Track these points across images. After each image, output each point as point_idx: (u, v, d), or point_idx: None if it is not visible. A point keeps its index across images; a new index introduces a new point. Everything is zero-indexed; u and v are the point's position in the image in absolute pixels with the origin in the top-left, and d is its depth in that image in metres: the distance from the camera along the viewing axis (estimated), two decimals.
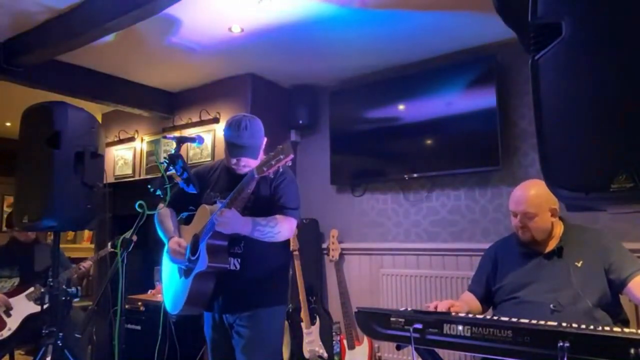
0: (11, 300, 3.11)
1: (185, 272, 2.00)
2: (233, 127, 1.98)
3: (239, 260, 1.98)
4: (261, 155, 2.06)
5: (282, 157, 1.73)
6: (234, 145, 1.98)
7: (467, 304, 2.02)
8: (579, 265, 1.87)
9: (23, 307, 3.13)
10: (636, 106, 0.72)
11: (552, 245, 1.97)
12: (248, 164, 2.00)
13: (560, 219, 2.02)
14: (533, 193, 1.95)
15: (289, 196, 2.03)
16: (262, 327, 1.98)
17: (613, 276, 1.83)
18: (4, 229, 6.19)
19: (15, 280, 3.25)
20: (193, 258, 1.95)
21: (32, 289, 3.17)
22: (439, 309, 1.77)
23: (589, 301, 1.79)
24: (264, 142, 2.07)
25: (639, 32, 0.72)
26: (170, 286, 2.11)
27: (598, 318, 1.77)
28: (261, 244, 1.96)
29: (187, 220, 2.18)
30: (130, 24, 2.72)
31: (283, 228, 1.95)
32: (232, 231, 1.85)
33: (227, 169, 2.13)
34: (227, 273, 1.95)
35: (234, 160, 2.02)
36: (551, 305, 1.81)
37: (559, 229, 2.00)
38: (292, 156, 1.74)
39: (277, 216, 1.97)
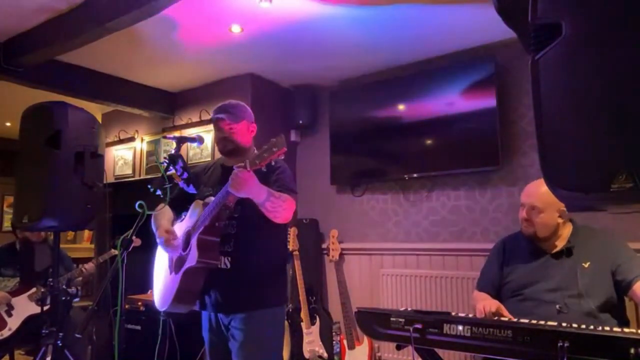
0: (13, 299, 3.11)
1: (176, 268, 1.96)
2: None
3: (229, 259, 1.93)
4: (249, 140, 2.08)
5: (275, 149, 1.67)
6: (214, 112, 2.03)
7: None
8: (586, 266, 1.88)
9: (25, 307, 3.12)
10: (636, 106, 0.72)
11: (559, 245, 1.97)
12: (231, 136, 2.00)
13: (570, 220, 2.02)
14: (545, 190, 1.92)
15: (289, 181, 2.00)
16: (256, 329, 1.91)
17: (620, 277, 1.84)
18: (5, 227, 6.22)
19: (18, 280, 3.24)
20: (184, 253, 1.92)
21: (34, 289, 3.16)
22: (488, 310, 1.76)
23: (592, 303, 1.79)
24: (251, 125, 2.08)
25: (639, 31, 0.72)
26: (160, 282, 2.09)
27: (602, 320, 1.77)
28: (253, 243, 1.94)
29: None
30: (130, 24, 2.72)
31: (289, 207, 1.87)
32: (245, 194, 1.75)
33: (221, 166, 2.12)
34: (217, 271, 1.91)
35: (217, 133, 2.04)
36: (557, 306, 1.81)
37: (567, 230, 2.00)
38: (285, 149, 1.68)
39: (285, 195, 1.90)
